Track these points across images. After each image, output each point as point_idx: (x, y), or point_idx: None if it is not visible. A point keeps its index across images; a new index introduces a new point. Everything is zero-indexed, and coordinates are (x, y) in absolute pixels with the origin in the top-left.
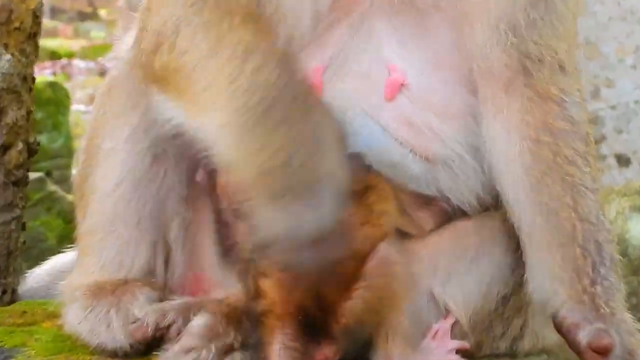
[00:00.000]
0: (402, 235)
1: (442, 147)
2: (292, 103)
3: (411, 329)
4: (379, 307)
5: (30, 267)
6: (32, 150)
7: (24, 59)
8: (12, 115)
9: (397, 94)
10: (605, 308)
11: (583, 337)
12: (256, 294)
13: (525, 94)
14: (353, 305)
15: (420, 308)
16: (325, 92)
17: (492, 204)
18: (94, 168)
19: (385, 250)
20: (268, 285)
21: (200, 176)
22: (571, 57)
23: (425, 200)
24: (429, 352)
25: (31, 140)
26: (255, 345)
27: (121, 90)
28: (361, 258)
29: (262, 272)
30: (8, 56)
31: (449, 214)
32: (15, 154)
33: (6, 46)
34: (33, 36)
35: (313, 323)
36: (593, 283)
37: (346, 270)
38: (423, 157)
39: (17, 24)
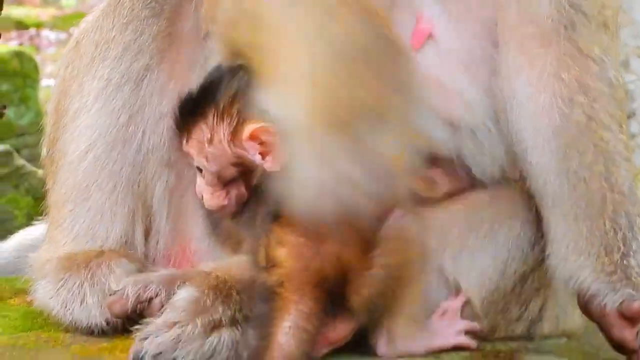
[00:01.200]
0: (415, 201)
1: (467, 110)
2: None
3: (417, 306)
4: (398, 276)
5: None
6: None
7: None
8: None
9: (423, 44)
10: (638, 278)
11: (611, 304)
12: (269, 264)
13: (564, 48)
14: (374, 274)
15: (429, 284)
16: None
17: (516, 178)
18: (63, 130)
19: (399, 216)
20: (284, 254)
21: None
22: (615, 15)
23: (445, 164)
24: (436, 332)
25: None
26: (261, 319)
27: (89, 42)
28: (376, 223)
29: (278, 240)
30: None
31: (467, 183)
32: None
33: None
34: None
35: (332, 295)
36: (625, 256)
37: (365, 235)
38: (448, 121)
39: None
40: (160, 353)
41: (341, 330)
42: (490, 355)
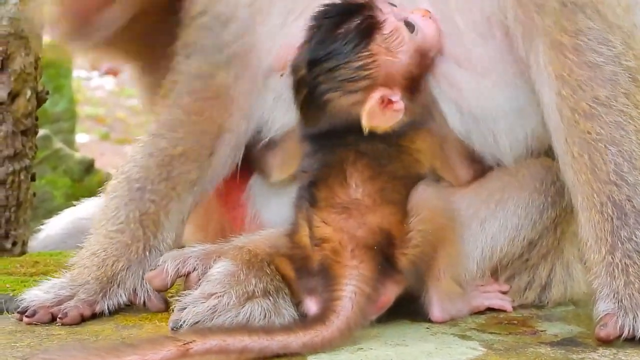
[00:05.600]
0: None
1: (476, 101)
2: None
3: (458, 268)
4: (434, 239)
5: (37, 226)
6: (40, 99)
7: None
8: (20, 61)
9: None
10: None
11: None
12: (317, 242)
13: (543, 43)
14: (413, 236)
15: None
16: None
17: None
18: None
19: (424, 189)
20: (330, 231)
21: None
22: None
23: (468, 154)
24: (473, 294)
25: (40, 88)
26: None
27: None
28: (406, 189)
29: (321, 221)
30: None
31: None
32: (23, 102)
33: None
34: None
35: (382, 260)
36: (610, 252)
37: (397, 199)
38: (460, 110)
39: None
40: (198, 322)
41: (390, 294)
42: (504, 322)
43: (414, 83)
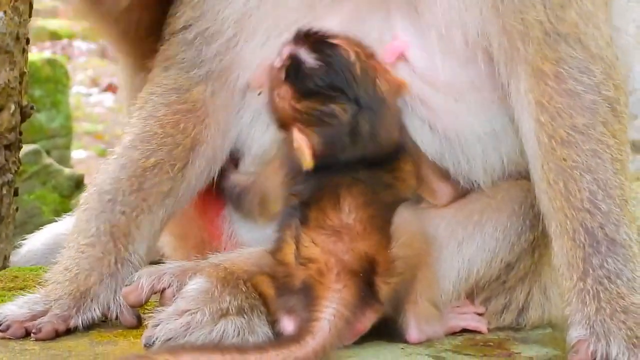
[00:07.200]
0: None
1: (454, 124)
2: None
3: (435, 290)
4: (413, 265)
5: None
6: (25, 114)
7: (17, 18)
8: (4, 76)
9: (396, 61)
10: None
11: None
12: (303, 261)
13: (524, 71)
14: (397, 265)
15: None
16: None
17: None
18: None
19: (403, 211)
20: (318, 252)
21: None
22: (568, 17)
23: (445, 174)
24: (449, 315)
25: (24, 103)
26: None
27: None
28: (393, 215)
29: (310, 241)
30: (0, 14)
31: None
32: (7, 117)
33: None
34: None
35: (366, 284)
36: (582, 279)
37: (385, 226)
38: (433, 131)
39: None
40: (171, 339)
41: (367, 321)
42: (479, 343)
43: None
